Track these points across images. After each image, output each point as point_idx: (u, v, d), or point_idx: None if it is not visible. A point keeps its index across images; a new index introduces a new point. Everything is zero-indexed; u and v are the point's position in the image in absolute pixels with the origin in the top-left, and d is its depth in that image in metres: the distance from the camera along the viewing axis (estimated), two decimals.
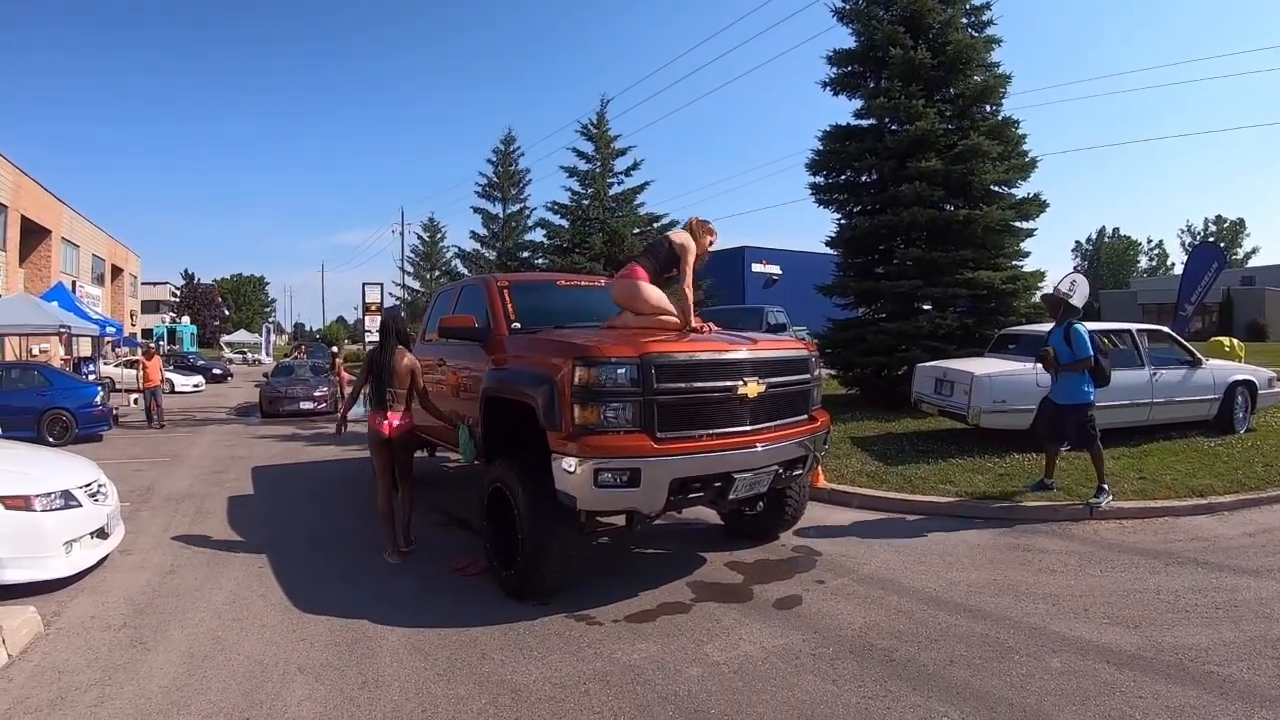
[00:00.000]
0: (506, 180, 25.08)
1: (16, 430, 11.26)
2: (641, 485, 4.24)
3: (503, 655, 3.98)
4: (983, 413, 8.09)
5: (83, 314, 19.84)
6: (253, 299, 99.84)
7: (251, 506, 7.97)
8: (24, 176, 24.32)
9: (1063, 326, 6.66)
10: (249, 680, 3.77)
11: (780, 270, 41.74)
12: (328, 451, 11.57)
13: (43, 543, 5.00)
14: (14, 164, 23.46)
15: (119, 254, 39.60)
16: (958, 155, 11.42)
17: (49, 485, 5.23)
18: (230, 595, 5.06)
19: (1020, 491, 6.84)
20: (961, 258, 11.44)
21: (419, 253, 36.84)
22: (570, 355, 4.39)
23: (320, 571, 5.57)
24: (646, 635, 4.22)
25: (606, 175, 17.69)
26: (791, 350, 5.26)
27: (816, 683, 3.62)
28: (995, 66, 12.43)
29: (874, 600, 4.70)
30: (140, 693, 3.65)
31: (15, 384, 13.01)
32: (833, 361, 12.94)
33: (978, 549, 5.73)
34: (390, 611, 4.65)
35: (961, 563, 5.39)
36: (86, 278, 32.79)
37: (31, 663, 4.01)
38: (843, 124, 13.05)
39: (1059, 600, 4.61)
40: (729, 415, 4.62)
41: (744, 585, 5.04)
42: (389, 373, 5.72)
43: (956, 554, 5.60)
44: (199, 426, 15.84)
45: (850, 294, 13.07)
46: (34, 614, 4.39)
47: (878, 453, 8.69)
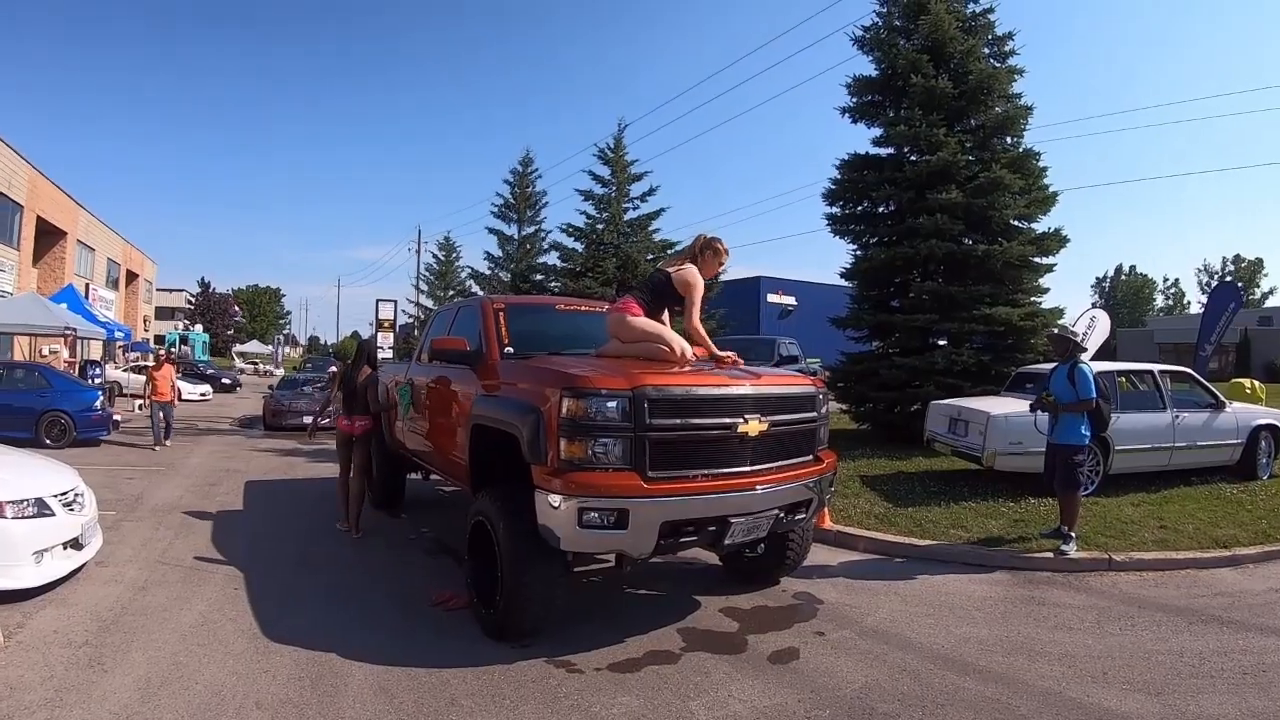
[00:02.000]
0: (523, 202, 25.00)
1: (13, 431, 11.19)
2: (629, 527, 3.98)
3: (472, 703, 3.71)
4: (998, 454, 7.78)
5: (91, 317, 19.87)
6: (268, 310, 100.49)
7: (239, 522, 7.78)
8: (41, 176, 24.61)
9: (1067, 365, 6.42)
10: (203, 713, 3.54)
11: (795, 301, 41.53)
12: (327, 468, 11.31)
13: (11, 552, 4.83)
14: (31, 163, 23.78)
15: (135, 259, 39.96)
16: (978, 188, 11.17)
17: (21, 492, 5.06)
18: (200, 617, 4.83)
19: (1035, 538, 6.54)
20: (979, 293, 11.16)
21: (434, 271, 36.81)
22: (558, 385, 4.14)
23: (298, 596, 5.34)
24: (629, 688, 3.93)
25: (622, 200, 17.52)
26: (797, 386, 4.99)
27: None
28: (1017, 97, 12.22)
29: (877, 657, 4.39)
30: (89, 718, 3.44)
31: (15, 384, 12.92)
32: (844, 396, 12.65)
33: (989, 601, 5.43)
34: (363, 643, 4.40)
35: (972, 616, 5.09)
36: (101, 281, 33.12)
37: None
38: (861, 153, 12.86)
39: (1075, 661, 4.30)
40: (727, 455, 4.33)
41: (738, 634, 4.73)
42: (354, 383, 7.15)
43: (967, 606, 5.30)
44: (200, 436, 15.66)
45: (864, 327, 12.79)
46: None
47: (887, 493, 8.39)
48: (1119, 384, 8.61)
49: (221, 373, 35.90)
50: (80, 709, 3.53)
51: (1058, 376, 6.49)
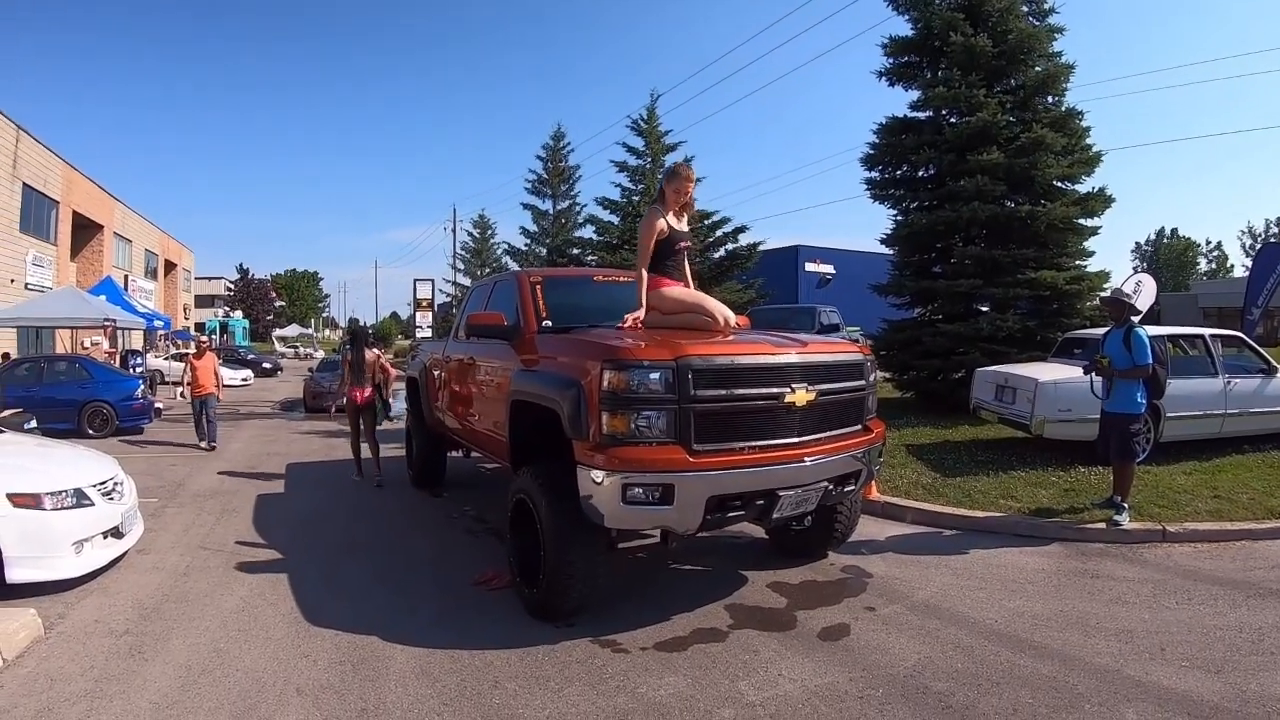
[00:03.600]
0: (556, 176, 24.92)
1: (57, 422, 11.36)
2: (675, 503, 3.84)
3: (516, 685, 3.63)
4: (1047, 422, 7.50)
5: (130, 308, 20.26)
6: (306, 294, 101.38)
7: (280, 506, 7.80)
8: (75, 172, 25.03)
9: (1122, 330, 6.12)
10: (243, 700, 3.50)
11: (834, 270, 40.78)
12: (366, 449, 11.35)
13: (51, 542, 4.83)
14: (65, 160, 24.17)
15: (172, 249, 40.62)
16: (1020, 148, 10.81)
17: (60, 483, 5.06)
18: (240, 603, 4.82)
19: (1087, 509, 6.29)
20: (1023, 256, 10.84)
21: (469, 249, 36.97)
22: (599, 357, 4.00)
23: (339, 579, 5.31)
24: (676, 667, 3.81)
25: (657, 171, 17.30)
26: (845, 354, 4.77)
27: None
28: (1057, 56, 11.77)
29: (929, 633, 4.21)
30: (129, 708, 3.42)
31: (57, 376, 13.15)
32: (888, 364, 12.43)
33: (1042, 574, 5.22)
34: (405, 626, 4.35)
35: (1025, 590, 4.89)
36: (139, 272, 33.72)
37: (26, 669, 3.82)
38: (899, 116, 12.52)
39: (1132, 637, 4.10)
40: (774, 426, 4.15)
41: (787, 611, 4.59)
42: (360, 362, 8.90)
43: (1019, 579, 5.10)
44: (241, 421, 15.75)
45: (906, 294, 12.51)
46: (33, 617, 4.20)
47: (934, 462, 8.18)
48: (1169, 349, 8.25)
49: (262, 357, 36.30)
50: (120, 699, 3.50)
51: (1112, 341, 6.20)
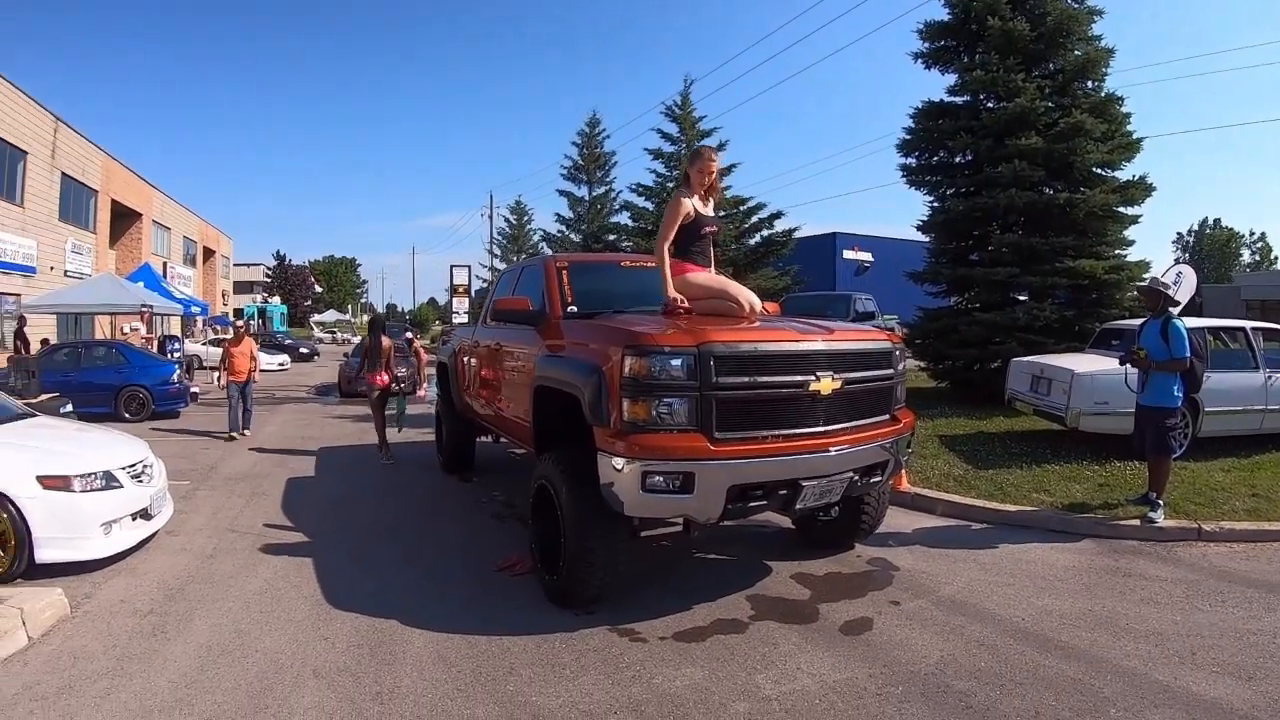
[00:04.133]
0: (591, 163, 24.88)
1: (94, 406, 11.60)
2: (695, 491, 3.77)
3: (531, 672, 3.60)
4: (1082, 414, 7.28)
5: (167, 294, 20.61)
6: (345, 280, 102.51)
7: (309, 489, 7.89)
8: (114, 162, 25.61)
9: (1159, 321, 5.89)
10: (260, 681, 3.53)
11: (872, 258, 40.21)
12: (399, 435, 11.44)
13: (80, 523, 4.92)
14: (104, 150, 24.75)
15: (210, 236, 41.38)
16: (1058, 134, 10.51)
17: (89, 466, 5.15)
18: (264, 584, 4.87)
19: (1121, 505, 6.10)
20: (1061, 244, 10.55)
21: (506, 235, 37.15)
22: (620, 343, 3.94)
23: (363, 562, 5.35)
24: (694, 658, 3.76)
25: None
26: (873, 342, 4.65)
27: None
28: (1097, 39, 11.43)
29: (954, 629, 4.10)
30: (148, 687, 3.46)
31: (94, 361, 13.38)
32: (923, 353, 12.29)
33: (1072, 571, 5.06)
34: (425, 611, 4.36)
35: (1054, 587, 4.74)
36: (178, 259, 34.42)
37: (50, 646, 3.89)
38: (936, 100, 12.27)
39: (1163, 640, 3.94)
40: (799, 414, 4.06)
41: (809, 603, 4.50)
42: (378, 349, 9.70)
43: (1048, 575, 4.95)
44: (276, 405, 15.84)
45: (942, 281, 12.28)
46: (60, 596, 4.28)
47: (967, 454, 8.01)
48: (1209, 342, 7.95)
49: (299, 342, 36.52)
50: (140, 678, 3.55)
51: (1149, 332, 5.97)
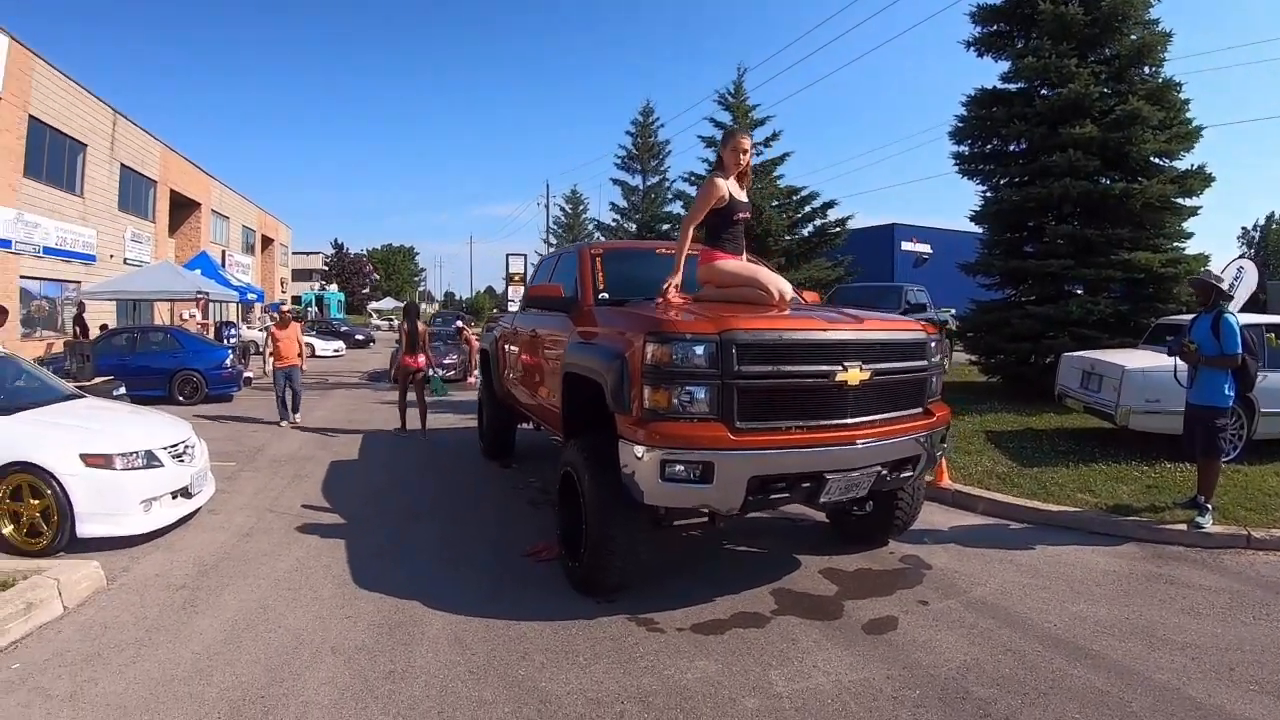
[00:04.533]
0: (645, 152, 24.90)
1: (149, 390, 12.04)
2: (715, 481, 3.71)
3: (544, 658, 3.60)
4: (1132, 412, 6.97)
5: (224, 281, 21.23)
6: (402, 268, 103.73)
7: (350, 473, 8.03)
8: (172, 153, 26.50)
9: (1210, 315, 5.58)
10: (279, 656, 3.61)
11: (931, 249, 39.37)
12: (445, 419, 11.62)
13: (121, 500, 5.09)
14: (162, 141, 25.62)
15: (269, 225, 42.52)
16: (1114, 122, 10.14)
17: (131, 445, 5.32)
18: (296, 563, 4.98)
19: (1168, 508, 5.82)
20: (1117, 236, 10.20)
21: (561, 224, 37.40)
22: (642, 330, 3.90)
23: (394, 545, 5.43)
24: (710, 651, 3.70)
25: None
26: (905, 331, 4.49)
27: None
28: (1154, 24, 11.00)
29: (981, 633, 3.94)
30: (172, 657, 3.57)
31: (150, 346, 13.86)
32: (975, 346, 12.11)
33: (1111, 576, 4.82)
34: (449, 594, 4.40)
35: (1091, 592, 4.52)
36: (237, 247, 35.47)
37: (84, 616, 4.04)
38: (989, 88, 11.97)
39: (1200, 653, 3.71)
40: (824, 405, 3.95)
41: (835, 599, 4.39)
42: (414, 334, 10.47)
43: (1086, 580, 4.73)
44: (328, 391, 16.13)
45: (995, 273, 12.02)
46: (97, 569, 4.44)
47: (1013, 451, 7.77)
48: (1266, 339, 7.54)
49: (355, 329, 37.10)
50: (165, 648, 3.66)
51: (1199, 327, 5.68)
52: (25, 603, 3.78)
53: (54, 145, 18.69)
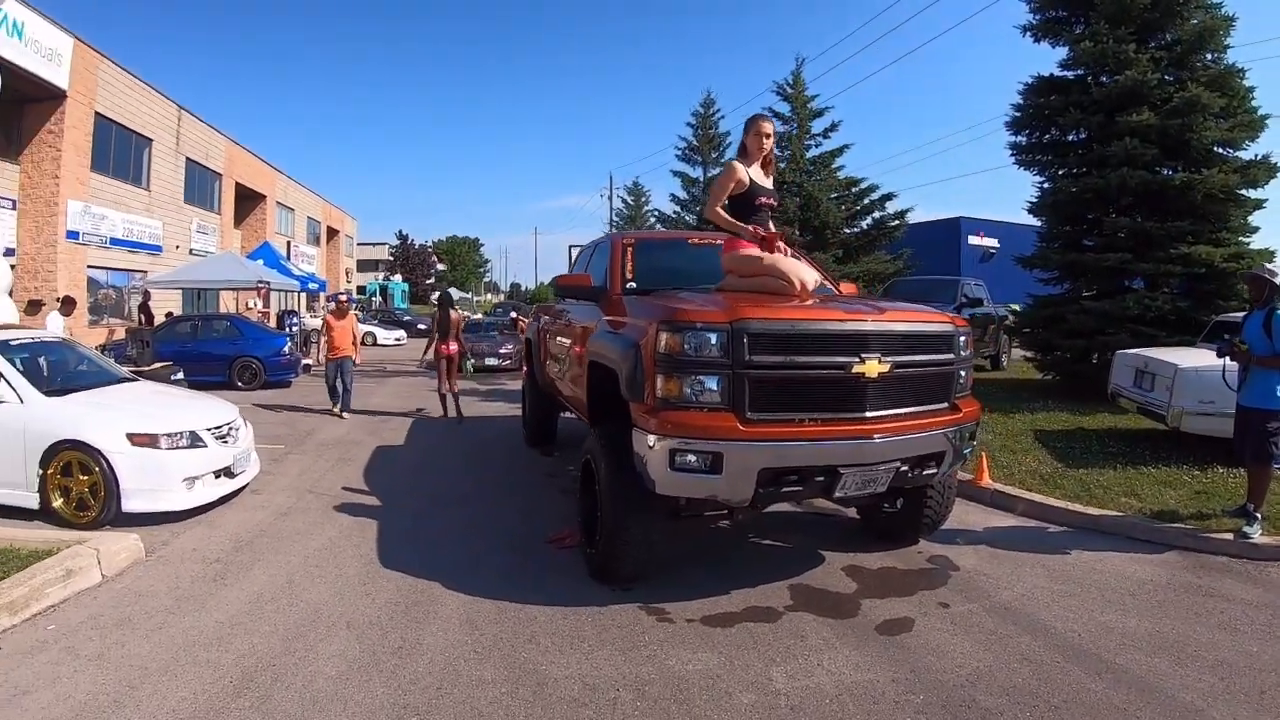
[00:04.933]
0: (706, 144, 24.82)
1: (209, 375, 12.60)
2: (724, 472, 3.67)
3: (550, 642, 3.66)
4: (1185, 414, 6.63)
5: (286, 271, 21.98)
6: (467, 259, 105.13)
7: (394, 457, 8.26)
8: (237, 147, 27.51)
9: (1264, 312, 5.27)
10: (296, 628, 3.77)
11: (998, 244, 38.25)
12: (494, 407, 11.86)
13: (165, 477, 5.36)
14: (227, 135, 26.62)
15: (334, 216, 43.82)
16: (1173, 109, 9.71)
17: (176, 425, 5.59)
18: (327, 542, 5.16)
19: (1216, 515, 5.51)
20: (1177, 229, 9.74)
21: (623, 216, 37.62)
22: (655, 318, 3.91)
23: (424, 527, 5.58)
24: (715, 643, 3.69)
25: (803, 137, 17.04)
26: (930, 324, 4.35)
27: None
28: (1217, 7, 10.44)
29: (1000, 639, 3.78)
30: (196, 625, 3.77)
31: (211, 333, 14.50)
32: (1031, 343, 11.81)
33: (1148, 586, 4.56)
34: (468, 576, 4.50)
35: (1123, 602, 4.28)
36: (302, 238, 36.64)
37: (120, 585, 4.29)
38: (1046, 75, 11.58)
39: (1231, 672, 3.44)
40: (841, 398, 3.87)
41: (853, 597, 4.30)
42: (446, 322, 10.80)
43: (1119, 589, 4.49)
44: (385, 378, 16.56)
45: (1053, 267, 11.61)
46: (136, 541, 4.69)
47: (1060, 451, 7.50)
48: None
49: (418, 319, 37.92)
50: (191, 616, 3.86)
51: (1251, 325, 5.36)
52: (65, 570, 4.03)
53: (120, 140, 19.56)
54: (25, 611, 3.72)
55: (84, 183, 17.59)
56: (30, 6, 14.89)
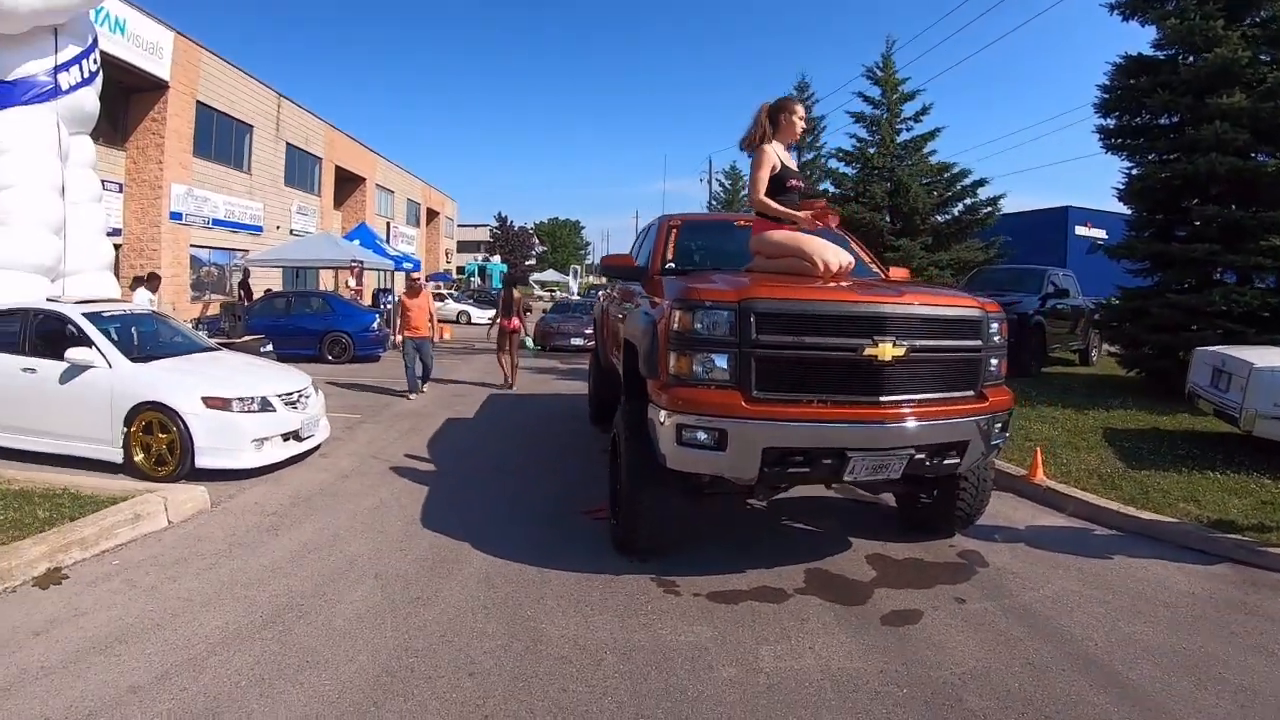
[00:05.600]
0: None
1: (302, 349, 13.54)
2: (728, 449, 3.74)
3: (556, 604, 3.87)
4: (1258, 417, 6.15)
5: (380, 250, 23.05)
6: (568, 241, 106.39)
7: (461, 429, 8.69)
8: (336, 132, 29.01)
9: None
10: (330, 575, 4.15)
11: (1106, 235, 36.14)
12: (571, 385, 12.25)
13: (235, 438, 5.90)
14: (327, 121, 28.12)
15: (435, 199, 45.60)
16: (1267, 91, 9.00)
17: (248, 391, 6.13)
18: (377, 502, 5.57)
19: (1277, 528, 5.10)
20: (1271, 219, 9.02)
21: (721, 200, 37.64)
22: (671, 297, 4.04)
23: (471, 494, 5.92)
24: (714, 618, 3.77)
25: (894, 121, 16.81)
26: (953, 307, 4.23)
27: None
28: None
29: (1008, 641, 3.65)
30: (243, 567, 4.22)
31: (304, 309, 15.51)
32: (1115, 337, 11.35)
33: (1186, 597, 4.25)
34: (500, 540, 4.75)
35: (1154, 613, 4.01)
36: (401, 219, 38.32)
37: (183, 531, 4.81)
38: (1135, 55, 10.89)
39: (1253, 699, 3.15)
40: (852, 380, 3.85)
41: (868, 585, 4.26)
42: (510, 300, 12.13)
43: (1155, 599, 4.22)
44: (472, 355, 16.93)
45: (1140, 257, 11.00)
46: (203, 493, 5.22)
47: (1126, 451, 7.13)
48: None
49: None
50: (240, 559, 4.32)
51: None
52: (134, 514, 4.57)
53: (222, 127, 20.99)
54: (95, 547, 4.27)
55: (186, 167, 18.98)
56: (131, 4, 16.01)
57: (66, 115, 9.22)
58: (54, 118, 8.90)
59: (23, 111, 8.66)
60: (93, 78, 10.03)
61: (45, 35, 8.94)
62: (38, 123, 8.70)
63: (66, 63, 9.25)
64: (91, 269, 9.30)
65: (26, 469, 5.79)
